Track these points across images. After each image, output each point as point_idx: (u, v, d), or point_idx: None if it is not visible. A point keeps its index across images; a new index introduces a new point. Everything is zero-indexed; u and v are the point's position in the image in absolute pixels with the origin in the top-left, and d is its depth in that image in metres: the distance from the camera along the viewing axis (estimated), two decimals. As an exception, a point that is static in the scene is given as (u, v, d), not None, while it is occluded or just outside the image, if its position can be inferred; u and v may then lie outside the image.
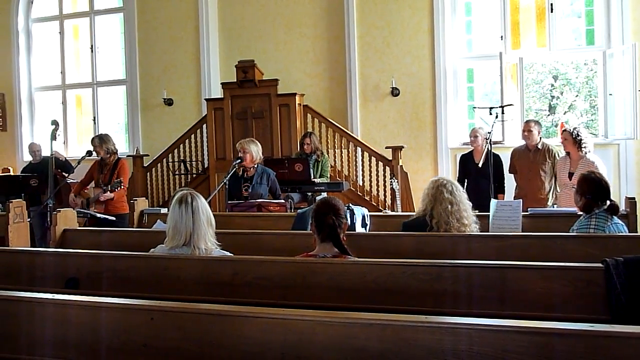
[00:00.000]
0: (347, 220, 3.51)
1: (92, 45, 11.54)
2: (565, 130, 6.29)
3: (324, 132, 9.21)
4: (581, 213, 4.52)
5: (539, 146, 6.80)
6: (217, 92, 10.01)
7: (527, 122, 7.00)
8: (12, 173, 10.73)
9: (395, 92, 9.55)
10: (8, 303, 2.73)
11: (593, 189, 4.18)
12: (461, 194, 4.27)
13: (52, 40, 11.89)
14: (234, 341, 2.28)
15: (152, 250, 3.78)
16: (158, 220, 5.29)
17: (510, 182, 7.17)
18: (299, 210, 5.43)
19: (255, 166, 6.41)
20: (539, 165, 6.74)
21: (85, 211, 6.62)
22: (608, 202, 4.17)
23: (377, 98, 9.73)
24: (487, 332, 2.00)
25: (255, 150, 6.39)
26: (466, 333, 2.01)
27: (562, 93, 14.83)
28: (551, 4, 8.95)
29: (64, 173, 8.13)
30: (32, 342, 2.61)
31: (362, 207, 5.30)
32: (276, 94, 9.11)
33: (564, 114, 14.64)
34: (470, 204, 4.35)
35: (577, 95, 14.63)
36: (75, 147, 11.56)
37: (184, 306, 2.46)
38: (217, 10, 10.59)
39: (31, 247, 6.07)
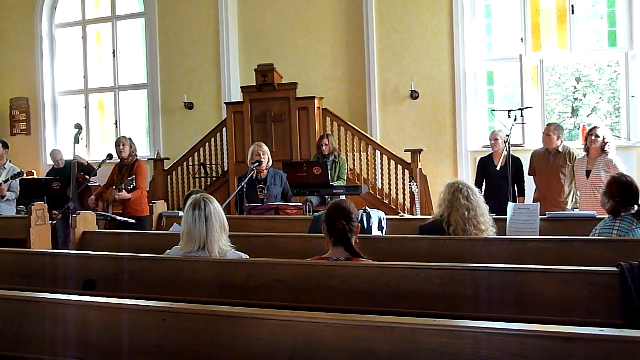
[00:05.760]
0: (359, 223, 3.50)
1: (114, 50, 11.69)
2: (597, 127, 6.24)
3: (343, 135, 9.22)
4: (601, 217, 4.48)
5: (560, 149, 6.74)
6: (237, 96, 10.08)
7: (548, 125, 6.96)
8: (36, 176, 10.89)
9: (414, 95, 9.52)
10: (25, 304, 2.77)
11: (622, 193, 4.12)
12: (477, 198, 4.19)
13: (75, 46, 12.07)
14: (243, 342, 2.29)
15: (167, 252, 3.81)
16: (175, 224, 5.33)
17: (529, 185, 7.11)
18: (315, 214, 5.44)
19: (267, 169, 6.45)
20: (559, 169, 6.69)
21: (106, 214, 6.70)
22: (636, 207, 4.11)
23: (396, 101, 9.71)
24: (495, 335, 1.98)
25: (269, 153, 6.47)
26: (473, 336, 2.00)
27: (585, 95, 14.65)
28: (572, 6, 8.88)
29: (86, 176, 8.23)
30: (48, 342, 2.64)
31: (379, 210, 5.29)
32: (295, 98, 9.14)
33: (588, 116, 14.45)
34: (487, 207, 4.30)
35: (600, 98, 14.43)
36: (98, 150, 11.70)
37: (194, 308, 2.48)
38: (237, 14, 10.66)
39: (54, 249, 6.15)
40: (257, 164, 6.31)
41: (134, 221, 6.61)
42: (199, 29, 10.84)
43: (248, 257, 3.73)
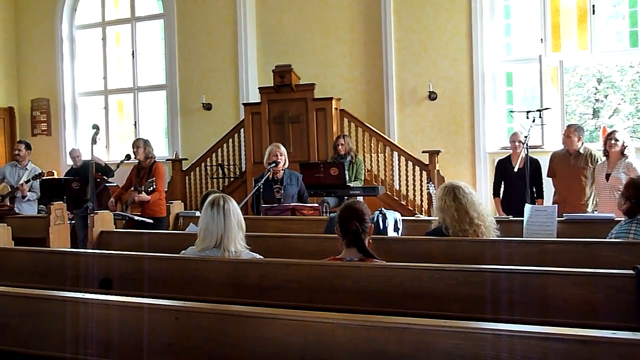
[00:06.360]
0: (372, 223, 3.49)
1: (133, 51, 11.79)
2: (616, 131, 6.22)
3: (360, 136, 9.21)
4: (619, 219, 4.43)
5: (581, 150, 6.68)
6: (255, 97, 10.10)
7: (569, 127, 6.89)
8: (56, 176, 11.00)
9: (432, 96, 9.48)
10: (40, 301, 2.80)
11: (639, 194, 4.09)
12: (467, 194, 4.07)
13: (95, 47, 12.19)
14: (254, 342, 2.29)
15: (182, 252, 3.83)
16: (191, 224, 5.35)
17: (548, 187, 7.04)
18: (331, 214, 5.44)
19: (283, 169, 6.46)
20: (580, 170, 6.62)
21: (124, 214, 6.75)
22: None
23: (414, 102, 9.68)
24: (505, 337, 1.96)
25: (286, 154, 6.48)
26: (485, 338, 1.98)
27: (606, 96, 14.50)
28: (593, 6, 8.78)
29: (104, 176, 8.31)
30: (63, 339, 2.67)
31: (395, 211, 5.27)
32: (313, 98, 9.14)
33: (609, 117, 14.30)
34: (482, 202, 4.24)
35: (622, 99, 14.28)
36: (117, 151, 11.78)
37: (207, 307, 2.49)
38: (255, 16, 10.69)
39: (74, 248, 6.21)
40: (274, 164, 6.32)
41: (151, 221, 6.66)
42: (217, 30, 10.89)
43: (262, 258, 3.73)
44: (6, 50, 12.37)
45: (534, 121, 6.62)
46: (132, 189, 7.11)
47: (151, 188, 6.84)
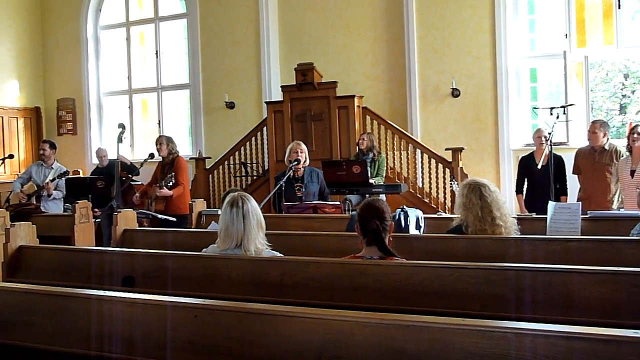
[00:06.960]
0: (392, 221, 3.47)
1: (157, 51, 11.89)
2: (639, 125, 6.13)
3: (383, 134, 9.19)
4: (644, 216, 4.36)
5: (606, 147, 6.56)
6: (278, 95, 10.12)
7: (593, 122, 6.78)
8: (81, 175, 11.14)
9: (455, 93, 9.42)
10: (63, 299, 2.84)
11: None
12: (491, 193, 4.03)
13: (119, 47, 12.32)
14: (273, 340, 2.30)
15: (204, 250, 3.85)
16: (212, 222, 5.37)
17: (573, 184, 6.94)
18: (352, 212, 5.42)
19: (303, 167, 6.47)
20: (605, 167, 6.51)
21: (147, 212, 6.81)
22: None
23: (437, 99, 9.62)
24: (528, 336, 1.94)
25: (307, 151, 6.49)
26: (504, 337, 1.96)
27: (633, 92, 14.26)
28: (618, 0, 8.64)
29: (129, 175, 8.40)
30: (87, 337, 2.69)
31: (417, 208, 5.25)
32: (335, 96, 9.14)
33: (636, 113, 14.05)
34: (505, 201, 4.18)
35: (649, 94, 14.02)
36: (141, 149, 11.88)
37: (225, 305, 2.50)
38: (277, 14, 10.71)
39: (99, 246, 6.27)
40: (296, 162, 6.33)
41: (174, 219, 6.71)
42: (239, 29, 10.93)
43: (282, 256, 3.74)
44: (32, 51, 12.55)
45: (557, 117, 6.54)
46: (156, 184, 7.18)
47: (170, 183, 6.89)
